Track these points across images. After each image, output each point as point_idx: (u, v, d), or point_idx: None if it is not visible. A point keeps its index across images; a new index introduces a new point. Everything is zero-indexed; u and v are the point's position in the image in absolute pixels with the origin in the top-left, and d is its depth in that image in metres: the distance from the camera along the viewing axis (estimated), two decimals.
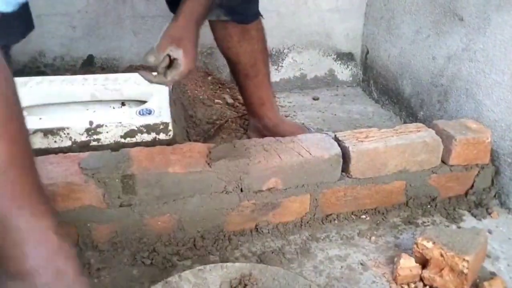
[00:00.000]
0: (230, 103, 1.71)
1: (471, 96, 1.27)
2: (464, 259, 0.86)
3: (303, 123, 1.61)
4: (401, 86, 1.66)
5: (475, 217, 1.13)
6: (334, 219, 1.09)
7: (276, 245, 1.02)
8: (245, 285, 0.83)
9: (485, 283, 0.89)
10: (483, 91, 1.22)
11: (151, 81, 0.98)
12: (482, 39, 1.22)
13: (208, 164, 0.98)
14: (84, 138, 1.16)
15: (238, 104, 1.71)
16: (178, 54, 0.93)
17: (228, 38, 1.30)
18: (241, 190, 1.01)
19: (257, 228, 1.05)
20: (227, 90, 1.80)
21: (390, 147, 1.08)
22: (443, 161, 1.14)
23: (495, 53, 1.17)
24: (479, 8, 1.22)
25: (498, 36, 1.16)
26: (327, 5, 1.86)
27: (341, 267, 0.97)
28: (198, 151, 1.02)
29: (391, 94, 1.73)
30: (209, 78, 1.82)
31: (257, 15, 1.32)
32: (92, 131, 1.16)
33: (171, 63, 0.95)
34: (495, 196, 1.19)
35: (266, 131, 1.41)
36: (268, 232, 1.05)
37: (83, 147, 1.15)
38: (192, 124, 1.48)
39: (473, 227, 1.09)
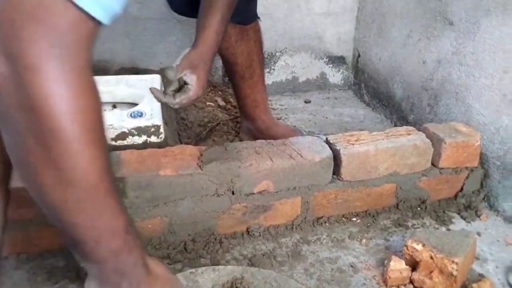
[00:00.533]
0: (222, 105, 1.71)
1: (461, 99, 1.29)
2: (453, 261, 0.87)
3: (295, 126, 1.61)
4: (392, 89, 1.67)
5: (464, 219, 1.14)
6: (325, 222, 1.10)
7: (267, 248, 1.02)
8: None
9: (474, 285, 0.90)
10: (473, 94, 1.24)
11: (159, 100, 1.02)
12: (472, 43, 1.23)
13: (200, 166, 0.98)
14: None
15: (230, 107, 1.71)
16: (191, 79, 0.98)
17: (226, 38, 1.30)
18: (233, 193, 1.01)
19: (248, 231, 1.05)
20: (219, 92, 1.80)
21: (380, 150, 1.08)
22: (433, 164, 1.15)
23: (484, 57, 1.19)
24: (468, 12, 1.24)
25: (488, 40, 1.17)
26: (319, 8, 1.87)
27: (332, 269, 0.97)
28: (190, 153, 1.02)
29: (382, 97, 1.74)
30: None
31: (255, 16, 1.33)
32: None
33: (181, 87, 1.00)
34: (484, 198, 1.20)
35: (258, 133, 1.41)
36: (260, 235, 1.05)
37: None
38: (183, 126, 1.48)
39: (463, 229, 1.10)
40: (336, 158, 1.06)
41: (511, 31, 1.10)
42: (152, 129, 1.17)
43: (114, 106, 1.35)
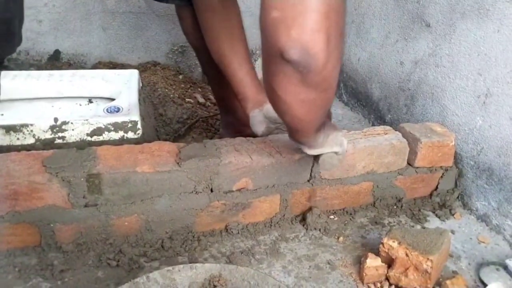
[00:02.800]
0: (201, 102, 1.69)
1: (437, 100, 1.31)
2: (428, 259, 0.88)
3: None
4: (370, 89, 1.69)
5: (439, 218, 1.17)
6: (303, 219, 1.10)
7: (246, 246, 1.02)
8: (215, 286, 0.82)
9: (448, 282, 0.91)
10: (448, 95, 1.26)
11: None
12: (448, 45, 1.26)
13: (178, 163, 0.97)
14: (48, 135, 1.12)
15: (209, 104, 1.70)
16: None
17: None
18: (211, 190, 1.00)
19: (227, 229, 1.05)
20: (199, 89, 1.79)
21: (358, 149, 1.09)
22: (409, 163, 1.17)
23: (459, 59, 1.22)
24: (445, 15, 1.26)
25: (463, 43, 1.20)
26: None
27: (309, 267, 0.97)
28: (168, 150, 1.01)
29: (360, 97, 1.76)
30: (180, 76, 1.80)
31: None
32: (57, 128, 1.12)
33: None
34: (458, 197, 1.23)
35: (240, 125, 1.39)
36: (238, 233, 1.05)
37: (47, 145, 1.12)
38: (162, 123, 1.46)
39: (437, 227, 1.12)
40: (315, 156, 1.07)
41: (485, 34, 1.12)
42: (129, 125, 1.15)
43: (90, 101, 1.32)
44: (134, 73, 1.40)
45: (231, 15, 1.11)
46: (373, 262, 0.93)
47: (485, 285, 0.95)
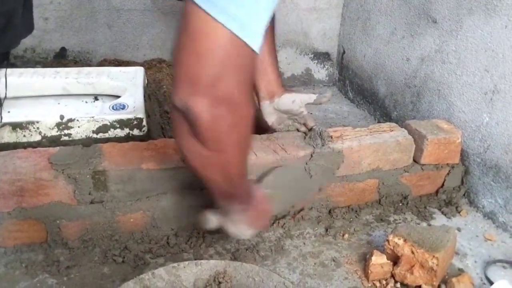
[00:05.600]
0: None
1: (443, 97, 1.30)
2: (434, 256, 0.88)
3: None
4: (375, 86, 1.68)
5: (445, 215, 1.16)
6: (308, 217, 1.10)
7: (251, 243, 1.02)
8: (219, 282, 0.82)
9: (454, 279, 0.91)
10: (455, 92, 1.25)
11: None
12: (454, 42, 1.25)
13: (183, 160, 0.97)
14: (54, 132, 1.13)
15: None
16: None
17: None
18: None
19: None
20: None
21: (364, 145, 1.09)
22: (415, 160, 1.16)
23: (466, 55, 1.20)
24: (452, 11, 1.25)
25: (470, 39, 1.19)
26: (305, 4, 1.87)
27: (314, 264, 0.97)
28: (173, 147, 1.01)
29: (366, 94, 1.76)
30: None
31: None
32: (63, 125, 1.13)
33: None
34: (464, 195, 1.22)
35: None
36: None
37: (54, 142, 1.12)
38: (167, 120, 1.46)
39: (443, 225, 1.11)
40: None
41: (492, 30, 1.11)
42: (135, 122, 1.16)
43: (96, 98, 1.33)
44: (140, 70, 1.41)
45: None
46: (378, 260, 0.92)
47: (491, 283, 0.94)
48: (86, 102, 1.31)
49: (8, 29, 0.64)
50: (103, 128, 1.14)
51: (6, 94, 0.78)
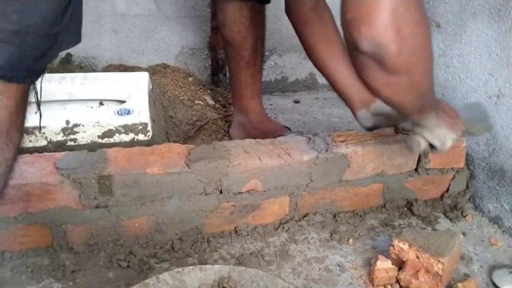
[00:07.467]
0: (211, 104, 1.70)
1: (448, 101, 1.30)
2: (439, 261, 0.88)
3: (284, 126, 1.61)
4: None
5: (450, 219, 1.16)
6: (313, 221, 1.10)
7: (255, 247, 1.02)
8: (224, 287, 0.82)
9: (459, 285, 0.90)
10: (459, 96, 1.25)
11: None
12: (458, 46, 1.25)
13: (187, 165, 0.97)
14: (60, 137, 1.13)
15: (219, 106, 1.71)
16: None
17: (243, 20, 1.28)
18: (221, 192, 1.00)
19: (236, 230, 1.05)
20: (208, 91, 1.80)
21: (368, 150, 1.09)
22: (419, 165, 1.16)
23: (470, 60, 1.20)
24: (455, 15, 1.25)
25: (474, 43, 1.19)
26: None
27: (319, 269, 0.97)
28: (177, 152, 1.02)
29: None
30: (190, 79, 1.81)
31: None
32: (69, 130, 1.14)
33: None
34: (469, 199, 1.21)
35: (251, 127, 1.39)
36: (247, 234, 1.05)
37: (59, 147, 1.13)
38: (172, 125, 1.47)
39: (448, 229, 1.11)
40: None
41: (497, 34, 1.11)
42: (140, 127, 1.16)
43: (101, 103, 1.33)
44: (144, 75, 1.41)
45: (325, 21, 1.16)
46: (383, 264, 0.92)
47: None
48: (91, 107, 1.32)
49: (52, 49, 0.66)
50: (108, 133, 1.15)
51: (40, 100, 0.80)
